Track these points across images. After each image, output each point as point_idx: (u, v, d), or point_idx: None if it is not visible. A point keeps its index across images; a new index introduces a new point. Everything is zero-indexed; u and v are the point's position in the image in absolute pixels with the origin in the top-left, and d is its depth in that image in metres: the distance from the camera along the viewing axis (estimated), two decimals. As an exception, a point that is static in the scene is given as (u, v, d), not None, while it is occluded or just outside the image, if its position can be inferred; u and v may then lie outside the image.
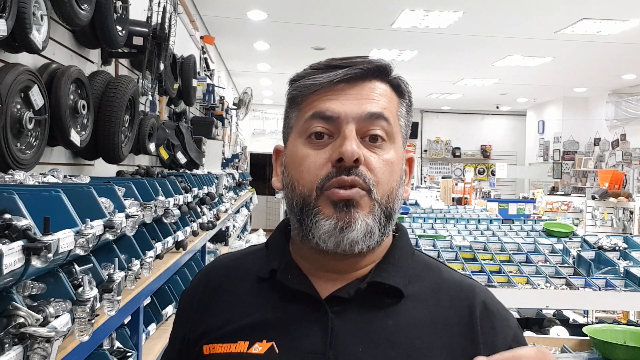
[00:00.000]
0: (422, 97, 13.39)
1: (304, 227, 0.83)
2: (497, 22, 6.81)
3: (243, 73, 10.78)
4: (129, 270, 1.71)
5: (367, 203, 0.81)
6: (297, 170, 0.84)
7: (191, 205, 2.85)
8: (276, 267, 0.88)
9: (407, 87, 0.91)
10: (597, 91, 11.79)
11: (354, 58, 0.86)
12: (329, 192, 0.81)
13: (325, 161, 0.82)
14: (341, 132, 0.82)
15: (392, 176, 0.85)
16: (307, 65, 0.90)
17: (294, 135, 0.87)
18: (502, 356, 0.76)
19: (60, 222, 1.23)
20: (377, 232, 0.82)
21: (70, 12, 1.91)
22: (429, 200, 7.07)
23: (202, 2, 6.27)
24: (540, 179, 13.67)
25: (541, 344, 2.25)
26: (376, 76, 0.86)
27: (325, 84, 0.84)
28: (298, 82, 0.87)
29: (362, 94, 0.84)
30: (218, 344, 0.86)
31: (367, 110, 0.83)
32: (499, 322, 0.86)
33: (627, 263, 3.06)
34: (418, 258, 0.93)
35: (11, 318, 1.02)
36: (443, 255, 3.09)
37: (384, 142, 0.85)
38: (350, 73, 0.84)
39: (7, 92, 1.60)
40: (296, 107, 0.88)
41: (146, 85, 3.10)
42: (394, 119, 0.86)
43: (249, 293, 0.90)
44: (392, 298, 0.85)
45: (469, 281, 0.92)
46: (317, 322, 0.83)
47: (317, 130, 0.83)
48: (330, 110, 0.83)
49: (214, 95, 5.89)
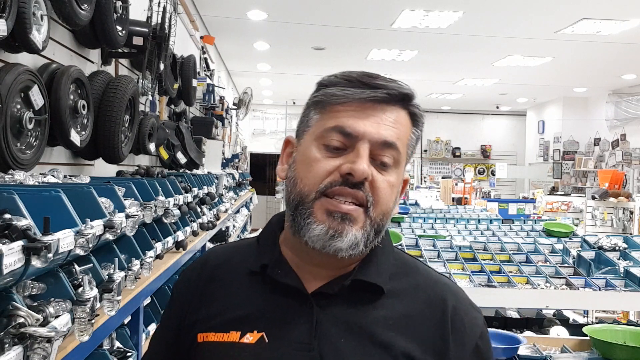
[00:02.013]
0: (422, 97, 13.39)
1: (296, 223, 0.89)
2: (497, 22, 6.81)
3: (243, 73, 10.78)
4: (129, 270, 1.70)
5: (362, 219, 0.87)
6: (304, 169, 0.89)
7: (191, 205, 2.85)
8: (267, 262, 0.94)
9: (422, 118, 0.96)
10: (597, 91, 11.79)
11: (383, 79, 0.91)
12: (327, 200, 0.86)
13: (334, 169, 0.87)
14: (355, 149, 0.87)
15: (391, 197, 0.91)
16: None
17: (310, 137, 0.91)
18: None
19: (60, 222, 1.23)
20: (362, 246, 0.88)
21: (70, 12, 1.91)
22: (429, 200, 7.06)
23: (202, 2, 6.26)
24: (540, 179, 13.67)
25: (541, 344, 2.25)
26: (398, 102, 0.91)
27: (354, 100, 0.89)
28: (328, 89, 0.91)
29: (382, 118, 0.89)
30: (211, 333, 0.92)
31: (383, 137, 0.88)
32: (468, 321, 0.95)
33: (627, 263, 3.06)
34: (398, 256, 1.00)
35: (11, 318, 1.02)
36: (443, 255, 3.09)
37: (390, 167, 0.90)
38: (379, 96, 0.89)
39: (7, 92, 1.60)
40: (319, 111, 0.92)
41: (146, 85, 3.10)
42: (403, 147, 0.92)
43: (241, 285, 0.96)
44: (373, 294, 0.92)
45: (443, 280, 1.00)
46: (304, 315, 0.90)
47: (334, 144, 0.88)
48: (352, 128, 0.88)
49: (214, 95, 5.88)
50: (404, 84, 0.92)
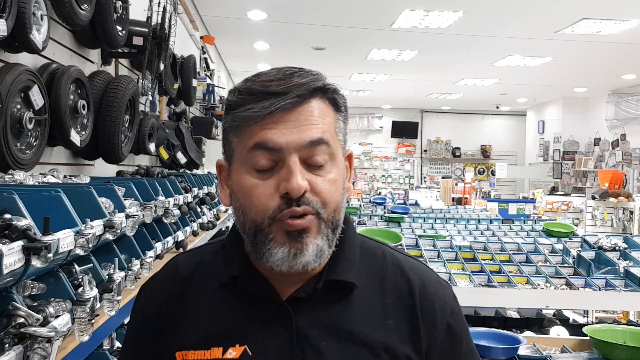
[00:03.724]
0: (422, 97, 13.39)
1: (257, 251, 0.87)
2: (497, 22, 6.81)
3: (243, 73, 10.71)
4: (129, 270, 1.70)
5: (316, 225, 0.86)
6: (246, 199, 0.87)
7: (191, 205, 2.85)
8: (236, 274, 0.92)
9: (343, 98, 0.92)
10: (597, 91, 11.79)
11: (288, 78, 0.86)
12: (283, 223, 0.85)
13: (273, 191, 0.85)
14: (285, 164, 0.84)
15: (337, 191, 0.89)
16: (242, 81, 0.90)
17: (239, 163, 0.89)
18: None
19: (60, 222, 1.23)
20: (326, 250, 0.88)
21: (70, 12, 1.91)
22: (429, 200, 7.05)
23: (202, 2, 6.26)
24: (540, 179, 13.67)
25: (541, 344, 2.25)
26: (311, 97, 0.87)
27: (263, 114, 0.84)
28: (235, 112, 0.87)
29: (300, 120, 0.85)
30: (190, 351, 0.89)
31: (308, 138, 0.85)
32: (437, 300, 0.95)
33: (627, 263, 3.06)
34: (364, 245, 0.99)
35: (11, 318, 1.02)
36: (443, 255, 3.09)
37: (326, 164, 0.87)
38: (288, 101, 0.84)
39: (7, 92, 1.60)
40: (236, 134, 0.89)
41: (146, 85, 3.10)
42: (333, 138, 0.89)
43: (214, 300, 0.93)
44: (347, 291, 0.92)
45: (409, 263, 0.99)
46: (282, 323, 0.89)
47: (261, 163, 0.85)
48: (272, 141, 0.84)
49: (214, 95, 5.89)
50: (314, 74, 0.88)
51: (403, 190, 13.51)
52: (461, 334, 0.97)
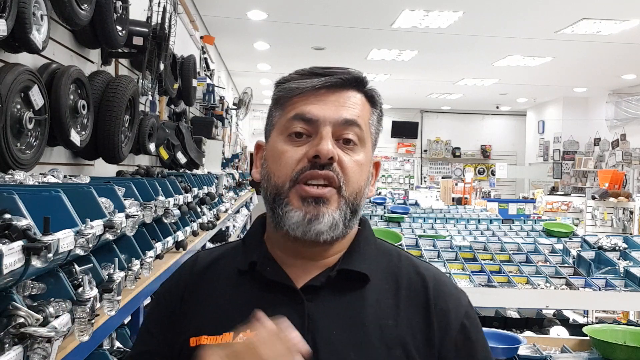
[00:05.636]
0: (422, 97, 13.39)
1: (276, 215, 0.93)
2: (497, 22, 6.81)
3: (243, 73, 10.78)
4: (129, 270, 1.70)
5: (336, 199, 0.91)
6: (275, 163, 0.94)
7: (191, 205, 2.85)
8: (255, 260, 0.97)
9: (380, 99, 1.01)
10: (597, 91, 11.79)
11: (335, 68, 0.96)
12: (300, 187, 0.90)
13: (302, 157, 0.92)
14: (319, 133, 0.92)
15: (361, 176, 0.95)
16: (299, 67, 0.99)
17: (276, 133, 0.96)
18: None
19: (60, 222, 1.23)
20: (341, 225, 0.92)
21: (70, 12, 1.91)
22: (429, 200, 7.06)
23: (202, 2, 6.26)
24: (540, 179, 13.67)
25: (541, 344, 2.25)
26: (353, 86, 0.96)
27: (308, 88, 0.94)
28: (283, 85, 0.97)
29: (339, 101, 0.94)
30: (204, 336, 0.93)
31: (343, 116, 0.93)
32: (451, 301, 0.97)
33: (627, 263, 3.06)
34: (379, 246, 1.03)
35: (11, 318, 1.02)
36: (443, 255, 3.09)
37: (356, 146, 0.94)
38: (331, 81, 0.94)
39: (7, 92, 1.60)
40: (280, 107, 0.97)
41: (146, 85, 3.10)
42: (365, 125, 0.96)
43: (230, 286, 0.97)
44: (359, 282, 0.95)
45: (425, 265, 1.03)
46: (295, 310, 0.91)
47: (297, 130, 0.93)
48: (311, 113, 0.93)
49: (214, 95, 5.88)
50: (356, 70, 0.97)
51: (403, 190, 13.51)
52: (477, 339, 0.97)
